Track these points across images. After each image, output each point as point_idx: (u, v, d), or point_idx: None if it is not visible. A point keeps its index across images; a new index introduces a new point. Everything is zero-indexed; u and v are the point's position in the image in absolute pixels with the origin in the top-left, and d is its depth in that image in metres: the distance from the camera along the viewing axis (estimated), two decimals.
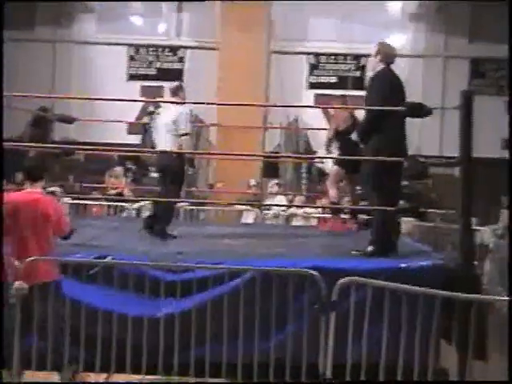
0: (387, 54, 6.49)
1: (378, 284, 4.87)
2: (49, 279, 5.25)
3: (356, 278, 4.92)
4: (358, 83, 15.68)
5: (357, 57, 16.17)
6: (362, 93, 6.84)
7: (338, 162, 8.40)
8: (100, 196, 11.60)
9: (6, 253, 5.20)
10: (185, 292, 5.38)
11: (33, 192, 5.45)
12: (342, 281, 4.85)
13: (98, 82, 15.89)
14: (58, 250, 5.55)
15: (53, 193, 7.07)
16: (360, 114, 7.23)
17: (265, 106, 14.13)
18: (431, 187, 13.40)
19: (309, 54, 16.47)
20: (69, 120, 9.68)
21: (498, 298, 4.67)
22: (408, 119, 6.40)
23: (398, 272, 5.64)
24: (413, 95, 6.88)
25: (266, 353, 5.26)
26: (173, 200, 7.65)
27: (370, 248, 6.35)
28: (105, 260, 5.70)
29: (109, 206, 11.23)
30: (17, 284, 4.78)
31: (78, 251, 5.73)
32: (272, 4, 15.07)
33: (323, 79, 16.55)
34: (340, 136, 8.45)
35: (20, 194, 5.48)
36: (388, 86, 6.36)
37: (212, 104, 13.17)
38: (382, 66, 6.46)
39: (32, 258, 5.12)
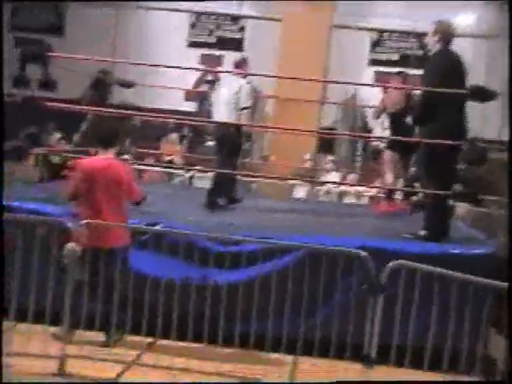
0: (446, 34, 6.29)
1: (428, 269, 4.81)
2: (118, 244, 5.34)
3: (406, 261, 4.85)
4: (420, 62, 14.95)
5: (420, 35, 15.53)
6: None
7: (389, 145, 8.27)
8: (153, 163, 11.70)
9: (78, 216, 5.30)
10: (233, 264, 5.42)
11: (106, 158, 5.51)
12: (391, 264, 4.80)
13: (159, 48, 15.94)
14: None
15: (125, 160, 7.10)
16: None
17: (323, 82, 13.97)
18: (490, 172, 13.14)
19: (372, 30, 16.40)
20: (128, 84, 9.92)
21: None
22: (470, 103, 6.29)
23: (450, 258, 5.61)
24: (475, 77, 6.72)
25: (311, 329, 5.27)
26: (227, 172, 7.70)
27: (422, 232, 6.27)
28: (155, 228, 5.78)
29: (163, 172, 11.23)
30: (69, 245, 4.85)
31: (130, 217, 5.75)
32: None
33: (385, 56, 16.45)
34: (393, 117, 8.30)
35: (93, 160, 5.56)
36: (446, 68, 6.18)
37: (270, 76, 13.00)
38: (439, 46, 6.30)
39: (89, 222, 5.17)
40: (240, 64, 7.84)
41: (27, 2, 15.62)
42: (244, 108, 7.55)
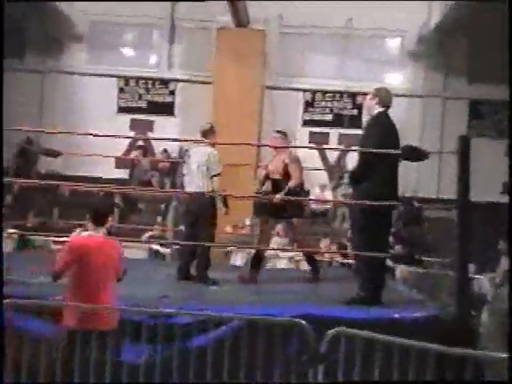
0: (384, 99, 6.57)
1: (369, 336, 4.75)
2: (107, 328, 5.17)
3: (346, 329, 4.80)
4: (354, 121, 15.83)
5: (353, 95, 16.28)
6: (359, 131, 6.99)
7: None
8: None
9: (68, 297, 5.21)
10: (167, 338, 5.28)
11: (98, 235, 5.36)
12: (331, 332, 4.74)
13: (87, 114, 15.96)
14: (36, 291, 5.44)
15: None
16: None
17: (257, 146, 14.35)
18: (427, 231, 13.34)
19: (305, 90, 16.70)
20: (54, 154, 9.68)
21: (495, 354, 4.51)
22: (404, 162, 6.41)
23: (391, 323, 5.60)
24: (410, 136, 6.89)
25: None
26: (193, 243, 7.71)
27: (360, 294, 6.31)
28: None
29: None
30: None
31: (57, 293, 5.54)
32: (267, 35, 15.43)
33: (318, 116, 16.75)
34: (276, 183, 8.12)
35: (88, 238, 5.33)
36: (384, 131, 6.41)
37: (200, 142, 13.15)
38: (378, 110, 6.53)
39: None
40: (207, 132, 7.96)
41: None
42: (214, 175, 7.71)
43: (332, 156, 16.63)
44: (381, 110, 6.51)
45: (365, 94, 7.23)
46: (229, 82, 14.67)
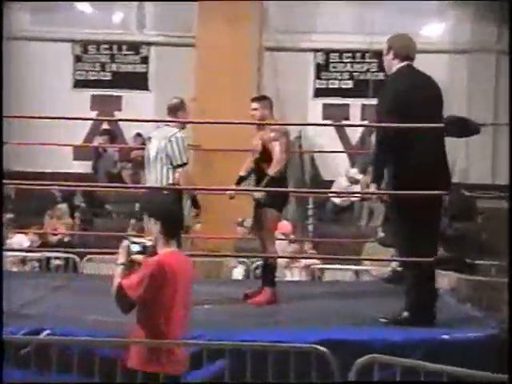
0: (401, 49, 6.52)
1: (409, 363, 4.80)
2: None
3: (379, 355, 4.85)
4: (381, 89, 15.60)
5: (380, 54, 15.73)
6: None
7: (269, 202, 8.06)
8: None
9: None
10: None
11: (179, 252, 5.38)
12: (360, 360, 4.79)
13: (33, 91, 15.88)
14: None
15: None
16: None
17: (255, 124, 13.80)
18: (482, 228, 13.26)
19: (316, 50, 16.42)
20: None
21: None
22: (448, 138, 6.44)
23: (439, 345, 5.65)
24: (454, 103, 6.84)
25: None
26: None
27: (404, 314, 6.37)
28: (40, 336, 5.71)
29: (48, 259, 11.28)
30: None
31: (5, 324, 5.62)
32: None
33: (335, 84, 16.54)
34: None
35: (173, 255, 5.26)
36: (407, 92, 6.34)
37: (187, 122, 13.07)
38: (398, 65, 6.50)
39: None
40: (175, 109, 7.95)
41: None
42: (179, 165, 7.69)
43: (353, 135, 16.36)
44: (400, 65, 6.45)
45: None
46: (217, 43, 14.44)
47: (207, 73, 14.55)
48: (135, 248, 5.22)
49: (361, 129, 16.38)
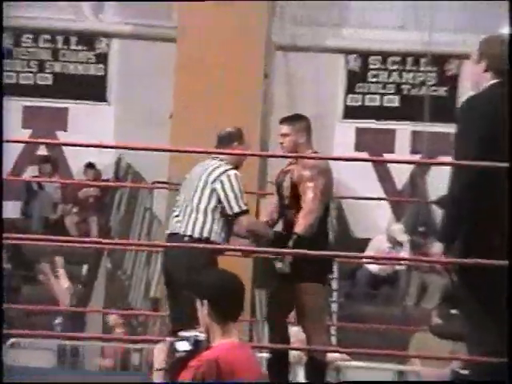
0: (498, 60, 5.84)
1: None
2: None
3: None
4: (441, 109, 13.88)
5: (440, 59, 14.39)
6: (452, 127, 6.20)
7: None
8: None
9: None
10: None
11: (236, 343, 4.89)
12: None
13: None
14: None
15: None
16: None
17: (262, 156, 12.59)
18: None
19: (349, 52, 14.91)
20: None
21: None
22: None
23: None
24: None
25: None
26: None
27: (464, 371, 6.91)
28: None
29: None
30: None
31: None
32: None
33: (374, 101, 14.86)
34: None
35: (233, 347, 4.85)
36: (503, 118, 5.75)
37: (160, 150, 11.00)
38: (492, 81, 5.79)
39: None
40: (228, 139, 7.53)
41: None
42: (237, 213, 7.33)
43: (400, 175, 14.74)
44: (494, 81, 5.76)
45: (462, 56, 7.89)
46: (207, 37, 12.76)
47: (192, 78, 12.88)
48: (182, 347, 5.08)
49: (410, 167, 15.06)
